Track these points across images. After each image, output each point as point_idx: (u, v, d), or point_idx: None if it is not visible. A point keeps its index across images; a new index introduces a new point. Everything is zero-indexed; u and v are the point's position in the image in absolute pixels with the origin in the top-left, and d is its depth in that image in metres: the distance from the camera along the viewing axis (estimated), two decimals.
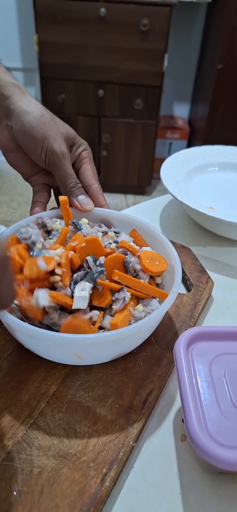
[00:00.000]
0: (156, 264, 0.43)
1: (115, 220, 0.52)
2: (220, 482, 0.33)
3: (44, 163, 0.50)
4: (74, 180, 0.50)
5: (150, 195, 2.37)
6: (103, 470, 0.32)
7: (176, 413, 0.38)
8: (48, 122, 0.49)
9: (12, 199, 2.22)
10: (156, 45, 1.83)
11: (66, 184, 0.50)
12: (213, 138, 2.04)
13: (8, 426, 0.35)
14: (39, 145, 0.48)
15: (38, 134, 0.48)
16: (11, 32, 2.20)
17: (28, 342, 0.39)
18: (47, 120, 0.49)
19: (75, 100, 2.01)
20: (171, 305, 0.38)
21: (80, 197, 0.51)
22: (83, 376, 0.39)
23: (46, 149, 0.48)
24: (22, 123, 0.48)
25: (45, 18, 1.79)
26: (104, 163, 2.21)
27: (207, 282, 0.53)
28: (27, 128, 0.48)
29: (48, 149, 0.48)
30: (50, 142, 0.48)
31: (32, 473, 0.31)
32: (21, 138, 0.49)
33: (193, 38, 2.26)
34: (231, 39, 1.79)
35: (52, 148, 0.48)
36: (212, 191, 0.71)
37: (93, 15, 1.77)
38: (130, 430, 0.35)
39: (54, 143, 0.48)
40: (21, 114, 0.48)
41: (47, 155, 0.49)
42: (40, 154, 0.49)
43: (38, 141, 0.48)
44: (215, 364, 0.35)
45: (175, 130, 2.36)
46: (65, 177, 0.50)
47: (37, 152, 0.49)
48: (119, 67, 1.90)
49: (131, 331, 0.36)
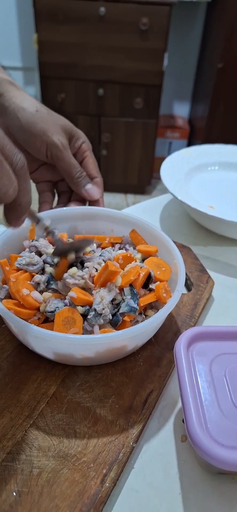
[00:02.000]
0: (163, 271, 0.44)
1: (116, 219, 0.52)
2: (220, 483, 0.33)
3: (45, 157, 0.50)
4: (80, 170, 0.51)
5: (150, 195, 2.37)
6: (103, 471, 0.31)
7: (176, 414, 0.38)
8: (45, 116, 0.49)
9: None
10: (155, 44, 1.82)
11: (72, 175, 0.50)
12: (213, 137, 2.03)
13: (8, 427, 0.34)
14: (39, 140, 0.48)
15: (36, 129, 0.48)
16: (11, 31, 2.19)
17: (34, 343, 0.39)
18: (44, 114, 0.49)
19: (75, 99, 2.01)
20: (177, 302, 0.39)
21: (88, 186, 0.51)
22: (83, 377, 0.39)
23: (47, 143, 0.48)
24: (19, 120, 0.48)
25: (45, 17, 1.78)
26: (105, 163, 2.20)
27: (207, 281, 0.53)
28: (24, 124, 0.48)
29: (48, 143, 0.48)
30: (49, 136, 0.48)
31: (32, 473, 0.31)
32: (19, 135, 0.49)
33: (192, 37, 2.26)
34: (230, 38, 1.79)
35: (52, 141, 0.48)
36: (212, 190, 0.71)
37: (93, 14, 1.76)
38: (130, 430, 0.35)
39: (53, 136, 0.48)
40: (16, 110, 0.48)
41: (48, 149, 0.49)
42: (40, 149, 0.49)
43: (37, 136, 0.48)
44: (216, 364, 0.35)
45: (175, 129, 2.36)
46: (70, 168, 0.50)
47: (36, 147, 0.49)
48: (119, 66, 1.90)
49: (139, 329, 0.36)
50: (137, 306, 0.39)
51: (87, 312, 0.39)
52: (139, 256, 0.47)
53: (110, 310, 0.39)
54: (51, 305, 0.39)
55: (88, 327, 0.38)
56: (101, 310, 0.38)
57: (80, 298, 0.38)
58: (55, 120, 0.50)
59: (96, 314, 0.38)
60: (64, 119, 0.52)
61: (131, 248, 0.49)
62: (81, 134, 0.53)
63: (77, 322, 0.38)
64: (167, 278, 0.44)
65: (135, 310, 0.39)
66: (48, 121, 0.49)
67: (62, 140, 0.49)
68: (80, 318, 0.38)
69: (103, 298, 0.38)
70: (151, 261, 0.45)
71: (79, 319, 0.38)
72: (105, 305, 0.38)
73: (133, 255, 0.44)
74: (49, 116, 0.49)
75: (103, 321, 0.38)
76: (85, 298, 0.39)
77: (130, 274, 0.41)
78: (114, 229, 0.53)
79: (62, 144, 0.49)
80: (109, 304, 0.39)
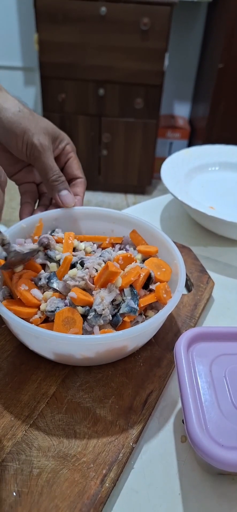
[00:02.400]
0: (163, 271, 0.44)
1: (116, 219, 0.52)
2: (220, 483, 0.33)
3: (26, 157, 0.50)
4: (57, 173, 0.50)
5: (150, 195, 2.37)
6: (103, 471, 0.31)
7: (176, 414, 0.38)
8: (27, 116, 0.49)
9: (11, 198, 2.22)
10: (156, 44, 1.82)
11: (47, 177, 0.50)
12: (214, 137, 2.03)
13: (8, 427, 0.34)
14: (20, 139, 0.48)
15: (18, 129, 0.48)
16: (12, 31, 2.20)
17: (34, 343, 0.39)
18: (26, 114, 0.49)
19: (75, 99, 2.01)
20: (177, 303, 0.39)
21: (64, 192, 0.50)
22: (83, 377, 0.39)
23: (27, 142, 0.48)
24: (1, 120, 0.48)
25: (45, 17, 1.79)
26: (105, 163, 2.20)
27: (207, 282, 0.53)
28: (6, 124, 0.48)
29: (28, 143, 0.48)
30: (30, 136, 0.48)
31: (31, 474, 0.31)
32: (0, 135, 0.49)
33: (193, 37, 2.26)
34: (231, 38, 1.79)
35: (31, 141, 0.48)
36: (213, 191, 0.71)
37: (93, 14, 1.76)
38: (130, 431, 0.35)
39: (33, 136, 0.48)
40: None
41: (27, 149, 0.49)
42: (21, 149, 0.49)
43: (18, 135, 0.48)
44: (216, 364, 0.35)
45: (175, 129, 2.36)
46: (46, 169, 0.49)
47: (18, 147, 0.49)
48: (119, 66, 1.90)
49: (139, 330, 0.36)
50: (137, 306, 0.39)
51: (88, 312, 0.39)
52: (139, 257, 0.47)
53: (110, 310, 0.39)
54: (52, 304, 0.39)
55: (88, 328, 0.38)
56: (101, 311, 0.38)
57: (80, 299, 0.38)
58: (38, 121, 0.50)
59: (96, 314, 0.38)
60: (47, 121, 0.51)
61: (131, 249, 0.49)
62: (65, 136, 0.53)
63: (77, 322, 0.38)
64: (167, 278, 0.44)
65: (135, 311, 0.39)
66: (30, 121, 0.48)
67: (42, 141, 0.48)
68: (80, 319, 0.38)
69: (103, 298, 0.38)
70: (151, 262, 0.45)
71: (79, 319, 0.38)
72: (106, 306, 0.38)
73: (133, 256, 0.44)
74: (31, 116, 0.49)
75: (103, 321, 0.38)
76: (85, 298, 0.39)
77: (130, 275, 0.41)
78: (115, 230, 0.53)
79: (42, 144, 0.48)
80: (110, 305, 0.39)
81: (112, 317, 0.39)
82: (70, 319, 0.38)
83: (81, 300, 0.38)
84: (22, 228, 0.48)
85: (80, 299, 0.38)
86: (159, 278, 0.44)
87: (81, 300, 0.38)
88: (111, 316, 0.39)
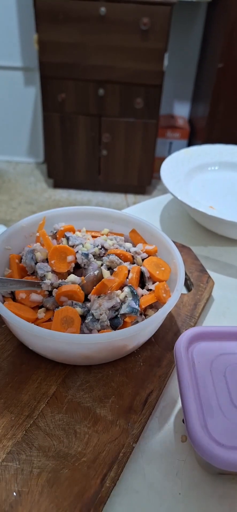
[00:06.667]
0: (162, 270, 0.44)
1: (116, 219, 0.52)
2: (221, 483, 0.33)
3: None
4: None
5: (150, 195, 2.37)
6: (104, 471, 0.31)
7: (176, 414, 0.38)
8: None
9: (11, 198, 2.22)
10: (156, 44, 1.82)
11: None
12: (214, 137, 2.03)
13: (8, 427, 0.34)
14: None
15: None
16: (11, 31, 2.19)
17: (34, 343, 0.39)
18: None
19: (75, 100, 2.01)
20: (176, 302, 0.39)
21: None
22: (83, 377, 0.39)
23: None
24: None
25: (45, 17, 1.78)
26: (105, 163, 2.20)
27: (207, 281, 0.53)
28: None
29: None
30: None
31: (32, 473, 0.31)
32: None
33: (193, 37, 2.25)
34: (231, 38, 1.79)
35: None
36: (213, 191, 0.71)
37: (93, 14, 1.76)
38: (130, 430, 0.35)
39: None
40: None
41: None
42: None
43: None
44: (216, 364, 0.35)
45: (175, 129, 2.36)
46: None
47: None
48: (119, 66, 1.89)
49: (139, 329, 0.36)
50: (138, 307, 0.39)
51: (86, 313, 0.39)
52: (139, 255, 0.47)
53: (108, 315, 0.39)
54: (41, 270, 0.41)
55: (86, 331, 0.38)
56: (98, 316, 0.38)
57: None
58: None
59: (94, 319, 0.38)
60: None
61: (127, 244, 0.49)
62: None
63: (76, 322, 0.38)
64: (166, 278, 0.44)
65: (136, 311, 0.39)
66: None
67: None
68: (78, 319, 0.38)
69: (101, 304, 0.39)
70: (150, 261, 0.45)
71: (78, 319, 0.38)
72: (103, 311, 0.38)
73: (127, 251, 0.45)
74: None
75: (101, 326, 0.38)
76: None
77: (120, 275, 0.41)
78: (114, 229, 0.53)
79: None
80: (107, 310, 0.39)
81: (112, 320, 0.39)
82: (69, 318, 0.38)
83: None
84: (22, 228, 0.48)
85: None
86: (158, 277, 0.44)
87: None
88: (111, 319, 0.39)
